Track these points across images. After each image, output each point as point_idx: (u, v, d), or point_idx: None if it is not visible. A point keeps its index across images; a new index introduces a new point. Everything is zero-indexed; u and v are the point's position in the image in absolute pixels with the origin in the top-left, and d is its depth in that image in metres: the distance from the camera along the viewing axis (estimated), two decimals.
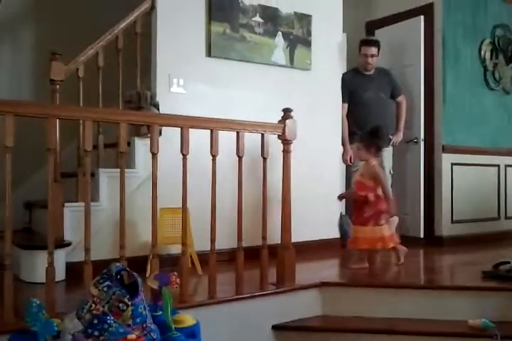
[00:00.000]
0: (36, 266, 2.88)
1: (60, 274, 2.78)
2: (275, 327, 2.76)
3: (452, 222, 4.64)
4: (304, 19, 4.19)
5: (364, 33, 5.17)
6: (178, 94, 3.60)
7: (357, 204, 3.45)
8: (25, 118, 2.19)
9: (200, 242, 3.02)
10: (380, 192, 3.40)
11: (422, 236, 4.59)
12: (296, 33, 4.15)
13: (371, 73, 4.57)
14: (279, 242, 2.94)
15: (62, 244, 2.89)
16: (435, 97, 4.71)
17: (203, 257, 2.97)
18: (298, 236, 3.08)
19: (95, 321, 1.75)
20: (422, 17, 4.74)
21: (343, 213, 4.46)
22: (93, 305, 1.78)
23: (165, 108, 3.40)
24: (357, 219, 3.44)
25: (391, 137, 4.59)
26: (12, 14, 4.08)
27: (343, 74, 4.50)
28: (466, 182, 4.75)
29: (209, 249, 2.60)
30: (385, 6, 5.12)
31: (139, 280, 1.90)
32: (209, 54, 3.73)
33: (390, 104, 4.65)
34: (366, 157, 3.46)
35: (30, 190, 3.71)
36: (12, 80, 4.05)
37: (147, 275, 2.71)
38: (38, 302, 1.73)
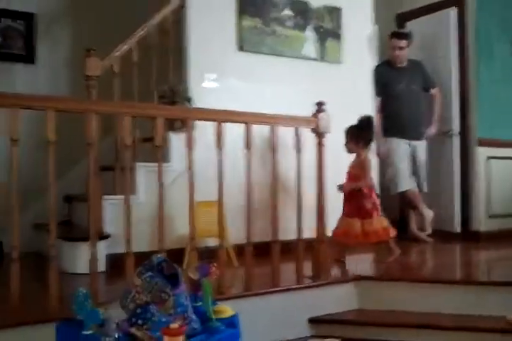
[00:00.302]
0: (77, 257, 2.95)
1: (101, 265, 2.84)
2: (311, 320, 2.77)
3: (489, 216, 4.56)
4: (334, 12, 4.17)
5: (395, 25, 5.11)
6: (211, 89, 3.64)
7: (351, 197, 3.37)
8: (62, 113, 2.23)
9: (236, 235, 3.03)
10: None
11: (458, 231, 4.52)
12: (327, 26, 4.13)
13: (403, 65, 4.52)
14: (312, 236, 2.94)
15: (102, 236, 2.94)
16: (469, 90, 4.62)
17: (238, 250, 2.99)
18: (331, 229, 3.08)
19: (139, 310, 1.79)
20: (454, 8, 4.65)
21: None
22: (136, 295, 1.81)
23: (198, 102, 3.43)
24: (357, 212, 3.34)
25: (425, 130, 4.54)
26: (49, 12, 4.16)
27: (375, 67, 4.46)
28: (503, 175, 4.64)
29: (244, 241, 2.62)
30: None
31: (180, 271, 1.93)
32: (241, 48, 3.76)
33: (424, 97, 4.58)
34: (355, 150, 3.43)
35: (69, 183, 3.78)
36: (50, 76, 4.13)
37: (184, 267, 2.75)
38: (85, 291, 1.77)
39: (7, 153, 3.59)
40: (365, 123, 3.45)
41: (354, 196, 3.36)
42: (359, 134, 3.39)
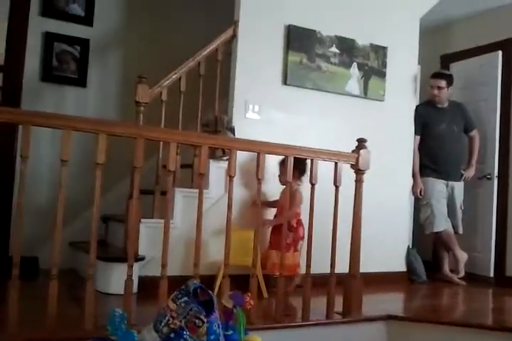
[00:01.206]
0: (111, 277, 3.01)
1: (134, 287, 2.88)
2: None
3: None
4: (380, 51, 4.23)
5: (439, 66, 5.15)
6: (253, 120, 3.71)
7: (277, 229, 3.31)
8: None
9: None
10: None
11: (491, 275, 4.43)
12: (372, 64, 4.19)
13: (445, 106, 4.54)
14: (346, 271, 2.93)
15: (137, 258, 2.99)
16: (511, 133, 4.60)
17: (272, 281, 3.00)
18: (365, 267, 3.06)
19: (172, 335, 1.81)
20: (500, 52, 4.67)
21: (411, 246, 4.39)
22: (171, 319, 1.84)
23: (240, 132, 3.51)
24: (278, 245, 3.20)
25: (463, 172, 4.51)
26: (104, 39, 4.35)
27: (417, 107, 4.49)
28: None
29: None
30: (462, 39, 5.10)
31: (215, 298, 1.95)
32: (285, 82, 3.84)
33: (463, 138, 4.59)
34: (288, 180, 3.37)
35: (106, 203, 3.87)
36: (99, 100, 4.29)
37: (215, 294, 2.77)
38: (121, 312, 1.81)
39: (51, 170, 3.74)
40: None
41: (280, 228, 3.28)
42: (294, 165, 3.10)
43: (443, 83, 4.45)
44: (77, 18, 4.25)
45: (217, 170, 3.52)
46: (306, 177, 3.21)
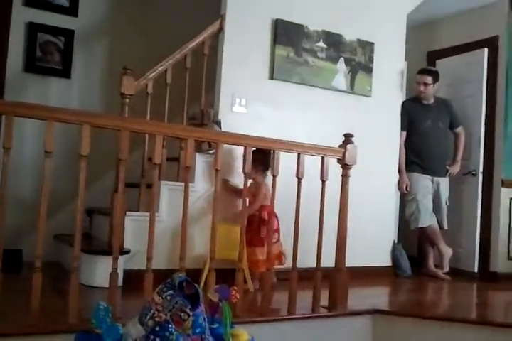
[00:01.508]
0: (96, 270, 2.98)
1: (119, 280, 2.85)
2: None
3: (509, 258, 4.50)
4: (367, 46, 4.23)
5: (425, 63, 5.17)
6: (240, 114, 3.69)
7: (249, 226, 3.28)
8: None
9: None
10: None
11: (475, 270, 4.47)
12: (359, 60, 4.19)
13: (430, 103, 4.56)
14: (332, 265, 2.93)
15: (122, 251, 2.96)
16: (496, 130, 4.64)
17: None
18: (350, 261, 3.06)
19: (157, 328, 1.79)
20: (485, 49, 4.70)
21: (396, 241, 4.41)
22: (156, 313, 1.82)
23: (226, 126, 3.49)
24: (254, 240, 3.32)
25: (448, 168, 4.54)
26: (89, 29, 4.29)
27: (403, 102, 4.50)
28: None
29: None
30: (448, 36, 5.12)
31: (200, 291, 1.93)
32: (271, 76, 3.82)
33: (449, 135, 4.62)
34: (254, 175, 3.34)
35: (90, 196, 3.82)
36: (83, 91, 4.24)
37: (201, 287, 2.75)
38: (106, 306, 1.79)
39: (35, 163, 3.69)
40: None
41: (253, 222, 3.35)
42: (258, 159, 3.12)
43: (429, 79, 4.47)
44: (62, 9, 4.18)
45: (202, 163, 3.50)
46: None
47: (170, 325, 1.79)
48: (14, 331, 2.09)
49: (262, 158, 3.18)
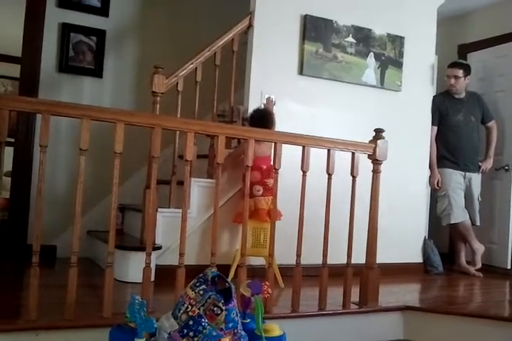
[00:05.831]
0: (128, 265, 3.04)
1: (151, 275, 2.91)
2: None
3: None
4: (397, 40, 4.19)
5: (456, 56, 5.08)
6: None
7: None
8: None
9: (285, 256, 3.04)
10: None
11: (508, 267, 4.40)
12: (388, 54, 4.15)
13: (462, 97, 4.49)
14: (363, 262, 2.92)
15: (154, 247, 3.01)
16: None
17: (287, 271, 3.00)
18: (381, 257, 3.04)
19: (191, 322, 1.82)
20: None
21: (427, 238, 4.37)
22: (189, 307, 1.85)
23: None
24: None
25: (480, 164, 4.47)
26: (120, 29, 4.36)
27: (434, 97, 4.44)
28: None
29: (293, 262, 2.63)
30: (479, 29, 5.02)
31: (233, 286, 1.96)
32: (301, 72, 3.82)
33: (480, 129, 4.54)
34: None
35: (122, 193, 3.90)
36: (115, 90, 4.30)
37: None
38: (141, 300, 1.82)
39: (70, 161, 3.77)
40: (262, 115, 3.37)
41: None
42: (258, 126, 3.02)
43: (460, 72, 4.40)
44: (94, 9, 4.25)
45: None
46: None
47: (203, 319, 1.82)
48: (51, 325, 2.14)
49: (259, 124, 3.09)
